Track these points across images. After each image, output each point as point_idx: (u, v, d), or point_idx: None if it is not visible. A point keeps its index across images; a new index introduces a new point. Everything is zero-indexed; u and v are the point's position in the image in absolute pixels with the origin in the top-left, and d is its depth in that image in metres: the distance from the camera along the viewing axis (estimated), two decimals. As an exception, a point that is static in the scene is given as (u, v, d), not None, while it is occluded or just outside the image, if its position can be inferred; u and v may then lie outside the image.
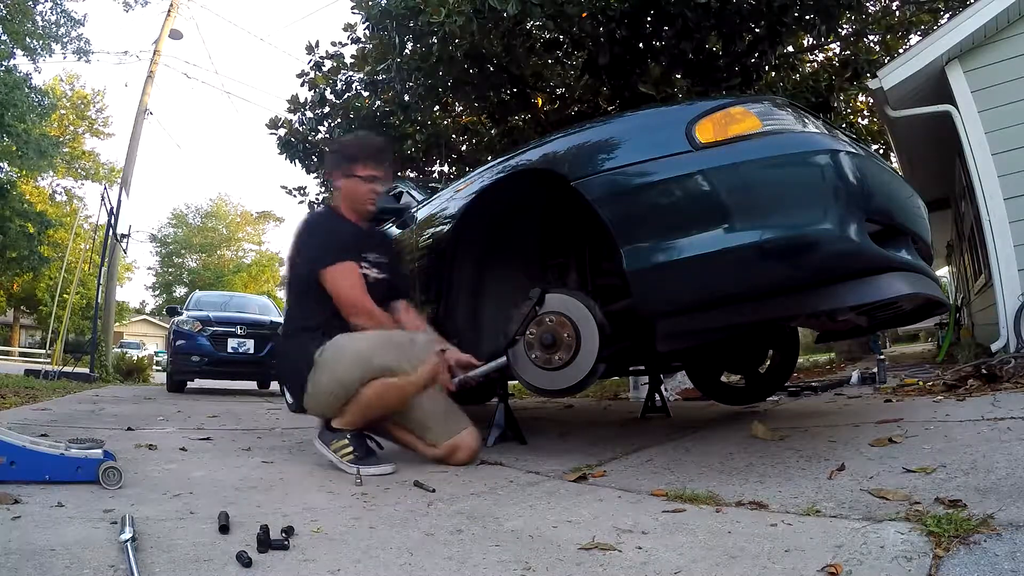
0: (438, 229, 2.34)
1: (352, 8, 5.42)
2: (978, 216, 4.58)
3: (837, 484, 1.37)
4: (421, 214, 2.62)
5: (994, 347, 4.15)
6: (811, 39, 6.03)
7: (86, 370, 7.75)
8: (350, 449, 1.80)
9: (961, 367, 3.59)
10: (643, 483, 1.57)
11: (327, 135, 6.56)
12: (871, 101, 6.12)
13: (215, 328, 6.73)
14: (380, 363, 1.76)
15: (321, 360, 1.83)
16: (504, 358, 1.97)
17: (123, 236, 9.48)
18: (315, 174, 6.99)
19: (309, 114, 6.57)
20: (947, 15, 5.84)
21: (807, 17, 4.96)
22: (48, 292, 19.82)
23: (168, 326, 7.79)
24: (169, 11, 12.01)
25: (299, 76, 6.40)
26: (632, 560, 1.00)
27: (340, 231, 2.01)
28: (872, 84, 4.83)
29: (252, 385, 7.93)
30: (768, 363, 2.95)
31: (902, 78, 4.58)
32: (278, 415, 3.86)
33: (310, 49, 6.30)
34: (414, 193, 3.02)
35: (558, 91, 6.68)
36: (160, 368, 12.92)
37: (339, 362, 1.80)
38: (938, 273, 10.97)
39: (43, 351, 13.92)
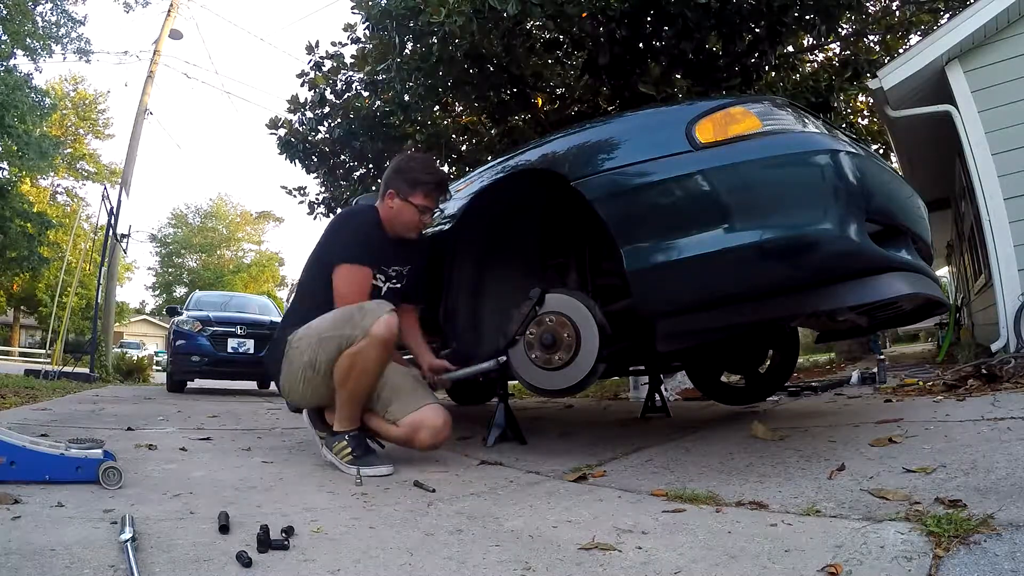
0: (438, 229, 2.33)
1: (352, 8, 5.41)
2: (978, 216, 4.58)
3: (837, 484, 1.37)
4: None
5: (994, 347, 4.15)
6: (811, 39, 6.02)
7: (86, 370, 7.75)
8: (349, 450, 1.80)
9: (961, 367, 3.59)
10: (643, 483, 1.57)
11: (327, 135, 6.55)
12: (871, 101, 6.12)
13: (215, 328, 6.73)
14: (335, 335, 1.78)
15: (291, 344, 1.89)
16: (486, 364, 1.97)
17: (123, 236, 9.50)
18: (315, 174, 6.98)
19: (309, 114, 6.56)
20: (947, 15, 5.84)
21: (807, 17, 4.96)
22: (48, 292, 19.83)
23: (168, 326, 7.79)
24: (169, 11, 12.03)
25: (299, 76, 6.39)
26: (632, 560, 1.00)
27: (372, 236, 1.99)
28: (872, 84, 4.83)
29: (252, 385, 7.94)
30: (768, 363, 2.95)
31: (902, 78, 4.58)
32: (278, 415, 3.86)
33: (310, 49, 6.30)
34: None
35: (558, 91, 6.67)
36: (160, 368, 12.92)
37: (305, 343, 1.84)
38: (938, 273, 10.97)
39: (43, 351, 13.92)
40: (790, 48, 6.06)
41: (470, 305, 2.28)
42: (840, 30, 5.75)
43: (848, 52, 6.41)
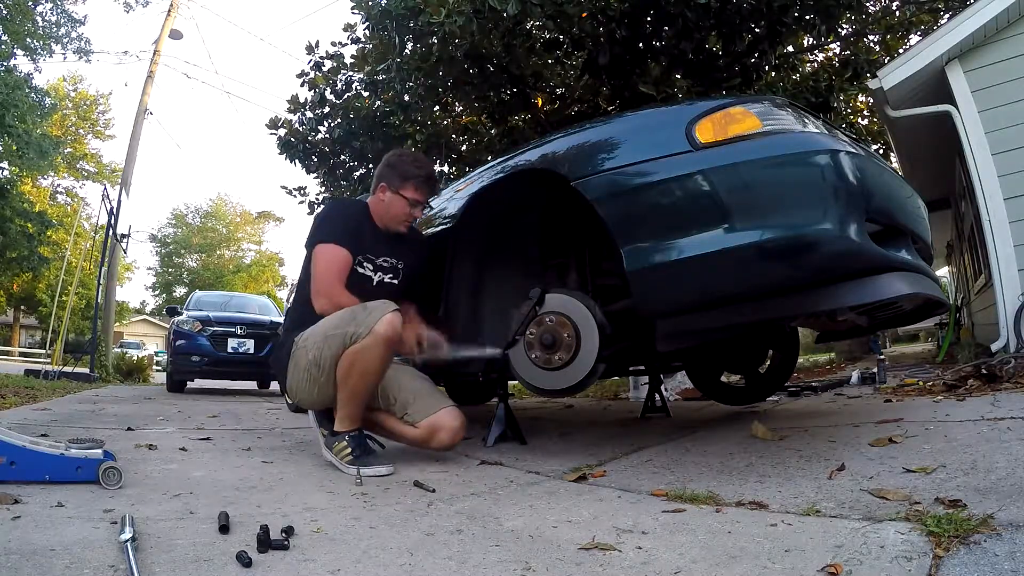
0: (438, 229, 2.33)
1: (352, 8, 5.41)
2: (978, 216, 4.58)
3: (837, 484, 1.37)
4: (421, 214, 2.62)
5: (994, 347, 4.15)
6: (811, 39, 6.02)
7: (86, 370, 7.75)
8: (348, 450, 1.80)
9: (961, 367, 3.59)
10: (643, 483, 1.57)
11: (327, 135, 6.56)
12: (871, 101, 6.12)
13: (215, 328, 6.74)
14: (339, 332, 1.79)
15: (298, 345, 1.90)
16: (483, 350, 1.97)
17: (123, 236, 9.49)
18: (315, 174, 6.98)
19: (309, 114, 6.56)
20: (947, 15, 5.84)
21: (807, 17, 4.96)
22: (48, 292, 19.84)
23: (168, 326, 7.79)
24: (169, 11, 12.04)
25: (299, 76, 6.40)
26: (632, 560, 1.00)
27: (356, 222, 2.01)
28: (872, 84, 4.83)
29: (252, 385, 7.94)
30: (768, 363, 2.95)
31: (902, 78, 4.58)
32: (278, 415, 3.86)
33: (310, 49, 6.30)
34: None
35: (558, 91, 6.67)
36: (160, 368, 12.92)
37: (312, 342, 1.85)
38: (938, 273, 10.97)
39: (43, 351, 13.92)
40: (790, 48, 6.07)
41: (470, 305, 2.28)
42: (840, 30, 5.76)
43: (848, 52, 6.41)
